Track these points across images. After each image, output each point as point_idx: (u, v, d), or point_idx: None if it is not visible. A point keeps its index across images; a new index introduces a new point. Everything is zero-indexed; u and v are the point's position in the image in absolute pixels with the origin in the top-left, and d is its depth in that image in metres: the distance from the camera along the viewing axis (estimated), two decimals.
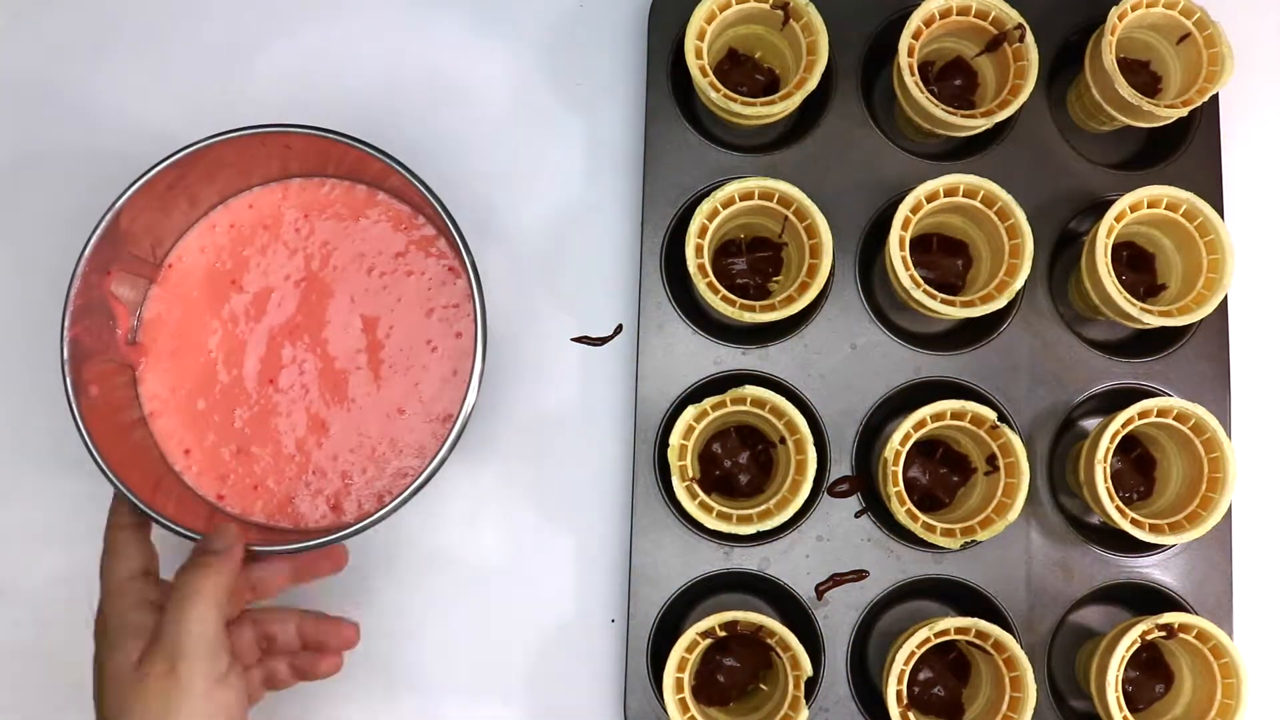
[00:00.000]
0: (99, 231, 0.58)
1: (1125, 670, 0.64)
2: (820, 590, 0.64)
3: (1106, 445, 0.62)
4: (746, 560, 0.64)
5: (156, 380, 0.63)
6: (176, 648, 0.52)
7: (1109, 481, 0.62)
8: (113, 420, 0.60)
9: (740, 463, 0.65)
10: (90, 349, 0.59)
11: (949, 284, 0.67)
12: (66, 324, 0.58)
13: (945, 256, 0.67)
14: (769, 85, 0.68)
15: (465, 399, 0.59)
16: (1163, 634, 0.61)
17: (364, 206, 0.65)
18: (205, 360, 0.63)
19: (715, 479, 0.65)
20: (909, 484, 0.65)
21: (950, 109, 0.63)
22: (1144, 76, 0.69)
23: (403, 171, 0.60)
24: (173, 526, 0.57)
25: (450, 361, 0.63)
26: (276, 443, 0.63)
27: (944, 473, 0.66)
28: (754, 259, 0.66)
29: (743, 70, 0.67)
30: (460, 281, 0.64)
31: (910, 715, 0.59)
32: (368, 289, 0.64)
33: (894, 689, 0.59)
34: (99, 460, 0.57)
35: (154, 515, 0.57)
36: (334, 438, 0.63)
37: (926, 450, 0.66)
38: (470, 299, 0.59)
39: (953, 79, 0.68)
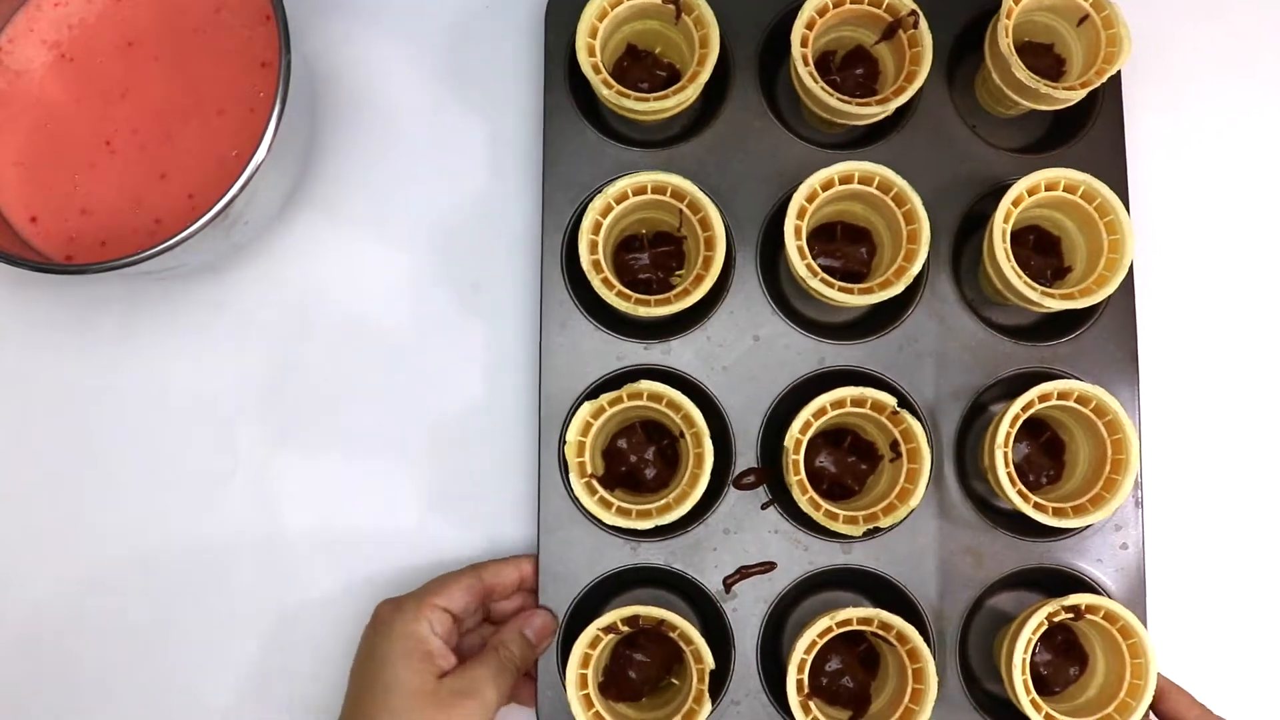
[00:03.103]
0: None
1: (1042, 654, 0.64)
2: (728, 583, 0.64)
3: (1007, 430, 0.62)
4: (654, 555, 0.64)
5: None
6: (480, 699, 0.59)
7: (1010, 466, 0.62)
8: None
9: (646, 458, 0.65)
10: None
11: (854, 271, 0.67)
12: None
13: (849, 244, 0.67)
14: (669, 80, 0.68)
15: (270, 117, 0.59)
16: (1070, 615, 0.61)
17: None
18: (40, 132, 0.65)
19: (621, 475, 0.65)
20: (818, 473, 0.66)
21: (845, 98, 0.63)
22: (1048, 59, 0.69)
23: None
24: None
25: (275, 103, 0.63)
26: (119, 201, 0.64)
27: (852, 461, 0.66)
28: (656, 253, 0.66)
29: (643, 66, 0.68)
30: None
31: (811, 705, 0.59)
32: (187, 47, 0.65)
33: (794, 678, 0.59)
34: None
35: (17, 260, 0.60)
36: (172, 189, 0.64)
37: (835, 439, 0.66)
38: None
39: (854, 68, 0.68)
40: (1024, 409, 0.62)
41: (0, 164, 0.65)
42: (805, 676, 0.59)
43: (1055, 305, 0.62)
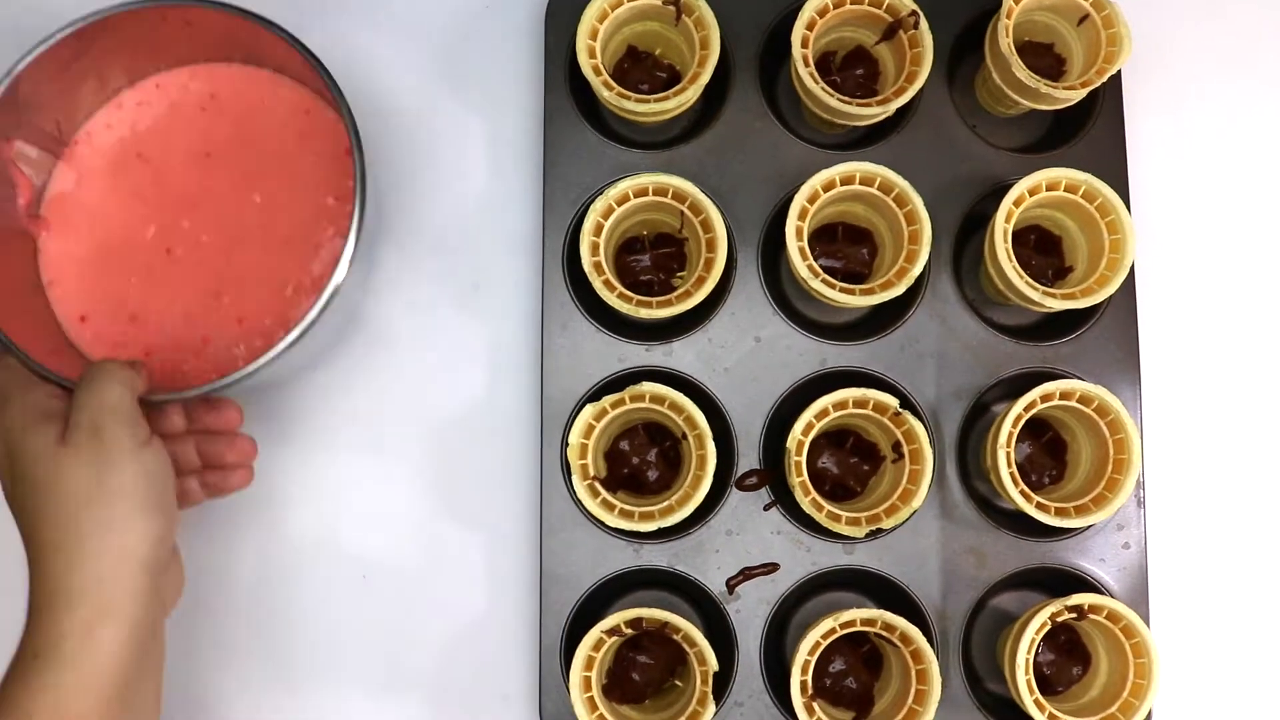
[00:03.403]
0: None
1: (1045, 654, 0.64)
2: (731, 584, 0.64)
3: (1009, 430, 0.62)
4: (657, 558, 0.64)
5: (56, 249, 0.64)
6: (97, 417, 0.53)
7: (1013, 466, 0.62)
8: (8, 289, 0.61)
9: (649, 460, 0.65)
10: None
11: (856, 272, 0.67)
12: None
13: (851, 245, 0.67)
14: (670, 81, 0.67)
15: (337, 266, 0.58)
16: (1073, 615, 0.61)
17: (267, 88, 0.65)
18: (106, 230, 0.64)
19: (623, 477, 0.65)
20: (820, 474, 0.66)
21: (846, 98, 0.63)
22: (1048, 59, 0.69)
23: (301, 52, 0.60)
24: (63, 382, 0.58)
25: (341, 242, 0.62)
26: (169, 312, 0.63)
27: (855, 462, 0.66)
28: (657, 255, 0.66)
29: (643, 67, 0.68)
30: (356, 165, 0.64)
31: (815, 706, 0.59)
32: (264, 169, 0.64)
33: (798, 679, 0.59)
34: None
35: (49, 375, 0.58)
36: (224, 310, 0.63)
37: (837, 440, 0.66)
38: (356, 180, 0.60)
39: (855, 68, 0.68)
40: (1026, 409, 0.62)
41: (60, 258, 0.64)
42: (809, 678, 0.59)
43: (1057, 305, 0.62)
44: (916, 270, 0.62)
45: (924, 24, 0.64)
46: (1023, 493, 0.61)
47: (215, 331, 0.63)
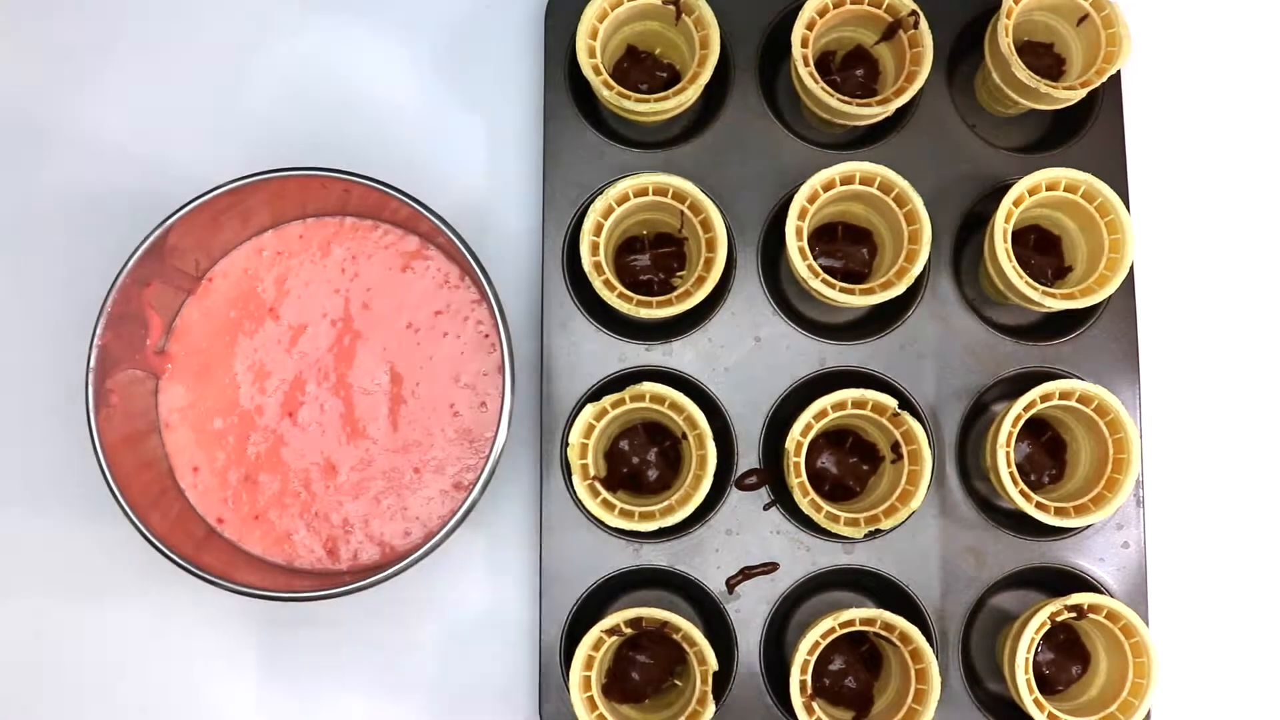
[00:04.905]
0: (144, 247, 0.58)
1: (1044, 653, 0.64)
2: (730, 584, 0.64)
3: (1009, 430, 0.62)
4: (657, 557, 0.64)
5: (178, 393, 0.63)
6: None
7: (1012, 466, 0.62)
8: (127, 427, 0.61)
9: (648, 459, 0.65)
10: (118, 357, 0.60)
11: (856, 272, 0.67)
12: (98, 332, 0.58)
13: (851, 245, 0.67)
14: (669, 81, 0.67)
15: (482, 472, 0.58)
16: (1073, 614, 0.61)
17: (412, 258, 0.65)
18: (229, 382, 0.63)
19: (623, 476, 0.65)
20: (820, 474, 0.66)
21: (845, 98, 0.63)
22: (1048, 59, 0.69)
23: (451, 235, 0.60)
24: (159, 545, 0.57)
25: (471, 430, 0.63)
26: (285, 477, 0.63)
27: (854, 462, 0.66)
28: (657, 255, 0.66)
29: (643, 67, 0.68)
30: (494, 354, 0.63)
31: (815, 705, 0.59)
32: (401, 342, 0.64)
33: (797, 678, 0.59)
34: (103, 465, 0.57)
35: (142, 530, 0.57)
36: (342, 483, 0.63)
37: (837, 440, 0.66)
38: (501, 372, 0.59)
39: (855, 68, 0.68)
40: (1026, 409, 0.62)
41: (177, 401, 0.63)
42: (808, 677, 0.59)
43: (1056, 305, 0.62)
44: (916, 270, 0.62)
45: (924, 24, 0.64)
46: (1022, 492, 0.61)
47: (331, 505, 0.63)
